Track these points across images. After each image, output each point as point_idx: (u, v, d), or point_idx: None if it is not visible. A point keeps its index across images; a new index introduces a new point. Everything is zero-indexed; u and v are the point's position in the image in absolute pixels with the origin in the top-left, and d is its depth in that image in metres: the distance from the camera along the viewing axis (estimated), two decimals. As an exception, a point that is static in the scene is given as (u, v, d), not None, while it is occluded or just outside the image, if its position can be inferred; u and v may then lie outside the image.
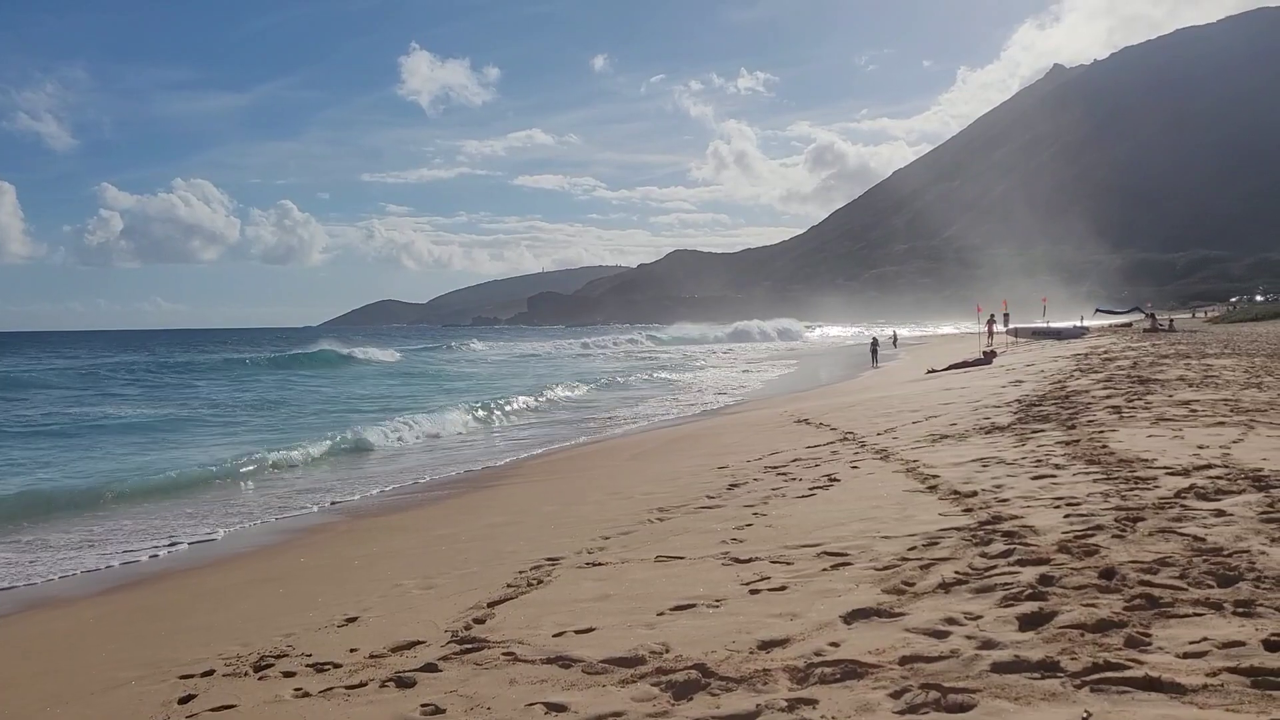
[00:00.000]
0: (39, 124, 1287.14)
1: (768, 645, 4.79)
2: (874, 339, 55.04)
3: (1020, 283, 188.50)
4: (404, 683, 4.95)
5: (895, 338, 76.91)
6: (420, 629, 6.04)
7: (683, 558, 7.20)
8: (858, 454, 12.12)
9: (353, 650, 5.75)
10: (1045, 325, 58.86)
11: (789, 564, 6.49)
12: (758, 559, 6.75)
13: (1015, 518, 6.98)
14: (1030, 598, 4.99)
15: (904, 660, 4.35)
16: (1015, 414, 14.32)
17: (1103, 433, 11.15)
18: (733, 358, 70.05)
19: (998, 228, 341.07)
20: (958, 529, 6.83)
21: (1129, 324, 71.97)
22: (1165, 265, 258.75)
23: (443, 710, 4.50)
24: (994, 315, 51.82)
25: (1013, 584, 5.25)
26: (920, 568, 5.87)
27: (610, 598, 6.22)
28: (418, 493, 15.55)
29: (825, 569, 6.20)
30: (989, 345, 43.97)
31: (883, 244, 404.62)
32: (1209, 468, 8.29)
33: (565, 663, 4.90)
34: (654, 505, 10.17)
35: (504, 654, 5.17)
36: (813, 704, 4.01)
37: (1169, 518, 6.49)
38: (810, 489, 9.76)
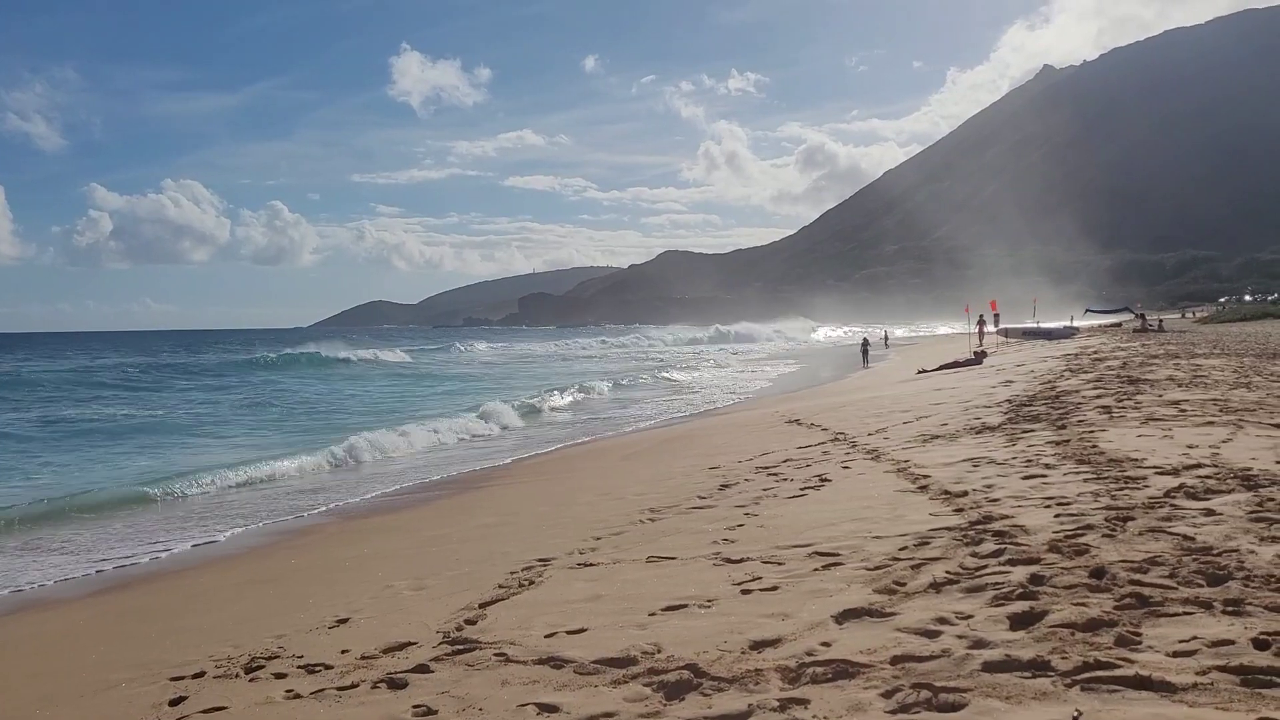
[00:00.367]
0: (28, 124, 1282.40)
1: (759, 645, 4.79)
2: (864, 339, 55.16)
3: (1010, 283, 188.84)
4: (396, 684, 4.95)
5: (887, 337, 76.88)
6: (412, 630, 6.03)
7: (674, 558, 7.20)
8: (849, 454, 12.14)
9: (344, 651, 5.74)
10: (1035, 325, 59.05)
11: (780, 564, 6.49)
12: (749, 559, 6.76)
13: (1006, 517, 7.00)
14: (1021, 597, 5.00)
15: (895, 660, 4.36)
16: (1006, 414, 14.35)
17: (1093, 432, 11.19)
18: (738, 357, 69.76)
19: (988, 228, 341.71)
20: (949, 529, 6.85)
21: (1118, 324, 72.18)
22: (1154, 265, 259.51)
23: (434, 711, 4.50)
24: (983, 316, 51.95)
25: (1004, 583, 5.27)
26: (911, 567, 5.89)
27: (602, 598, 6.22)
28: (409, 494, 15.53)
29: (817, 569, 6.21)
30: (979, 345, 44.08)
31: (873, 244, 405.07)
32: (1198, 467, 8.32)
33: (557, 663, 4.90)
34: (646, 506, 10.18)
35: (496, 655, 5.17)
36: (804, 704, 4.02)
37: (1159, 517, 6.52)
38: (801, 489, 9.78)
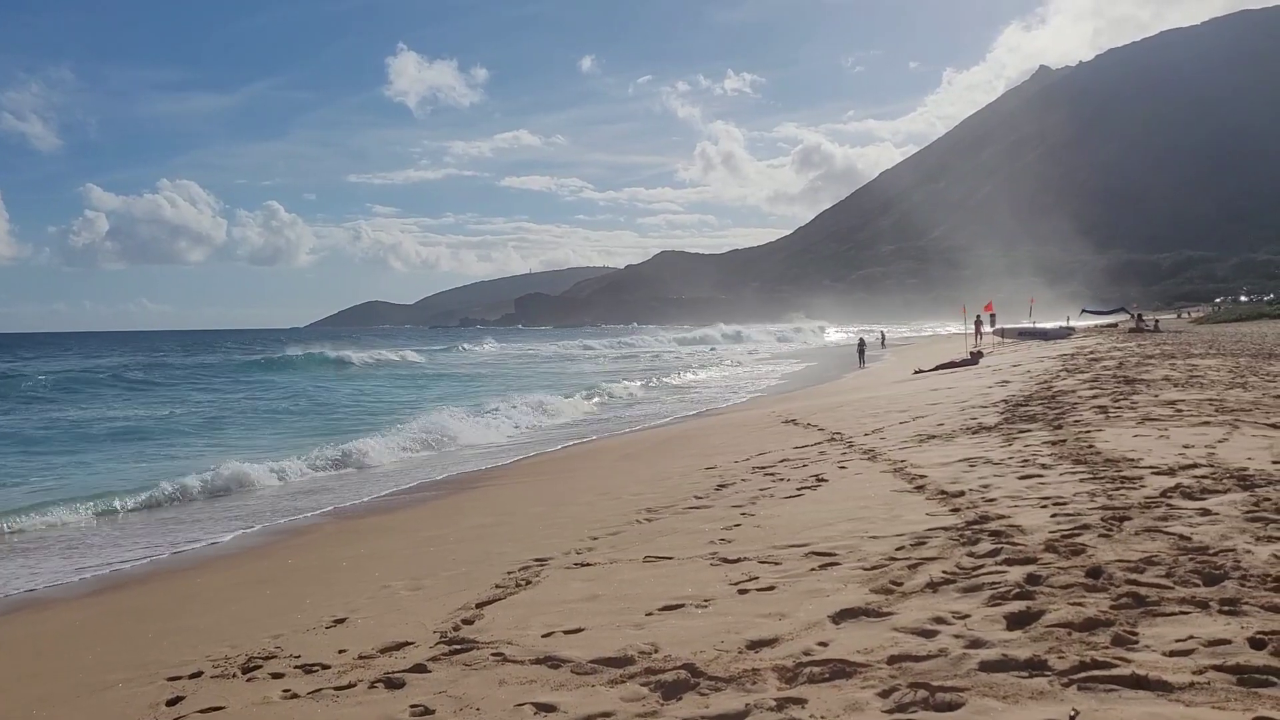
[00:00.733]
0: (24, 124, 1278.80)
1: (756, 645, 4.80)
2: (861, 339, 55.17)
3: (1006, 283, 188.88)
4: (393, 684, 4.95)
5: (883, 338, 76.85)
6: (409, 630, 6.03)
7: (671, 558, 7.20)
8: (845, 454, 12.15)
9: (341, 651, 5.74)
10: (1032, 326, 59.10)
11: (777, 564, 6.50)
12: (746, 559, 6.77)
13: (1002, 517, 7.01)
14: (1017, 597, 5.01)
15: (892, 659, 4.37)
16: (1002, 414, 14.37)
17: (1089, 432, 11.20)
18: (753, 356, 69.64)
19: (984, 229, 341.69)
20: (945, 529, 6.86)
21: (1114, 324, 72.29)
22: (1150, 266, 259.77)
23: (432, 711, 4.50)
24: (980, 316, 51.98)
25: (1000, 583, 5.27)
26: (908, 567, 5.90)
27: (599, 598, 6.23)
28: (404, 495, 15.52)
29: (813, 569, 6.21)
30: (976, 346, 44.10)
31: (869, 245, 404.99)
32: (1194, 467, 8.34)
33: (554, 663, 4.91)
34: (642, 506, 10.18)
35: (493, 654, 5.17)
36: (801, 703, 4.02)
37: (1155, 517, 6.53)
38: (798, 489, 9.79)
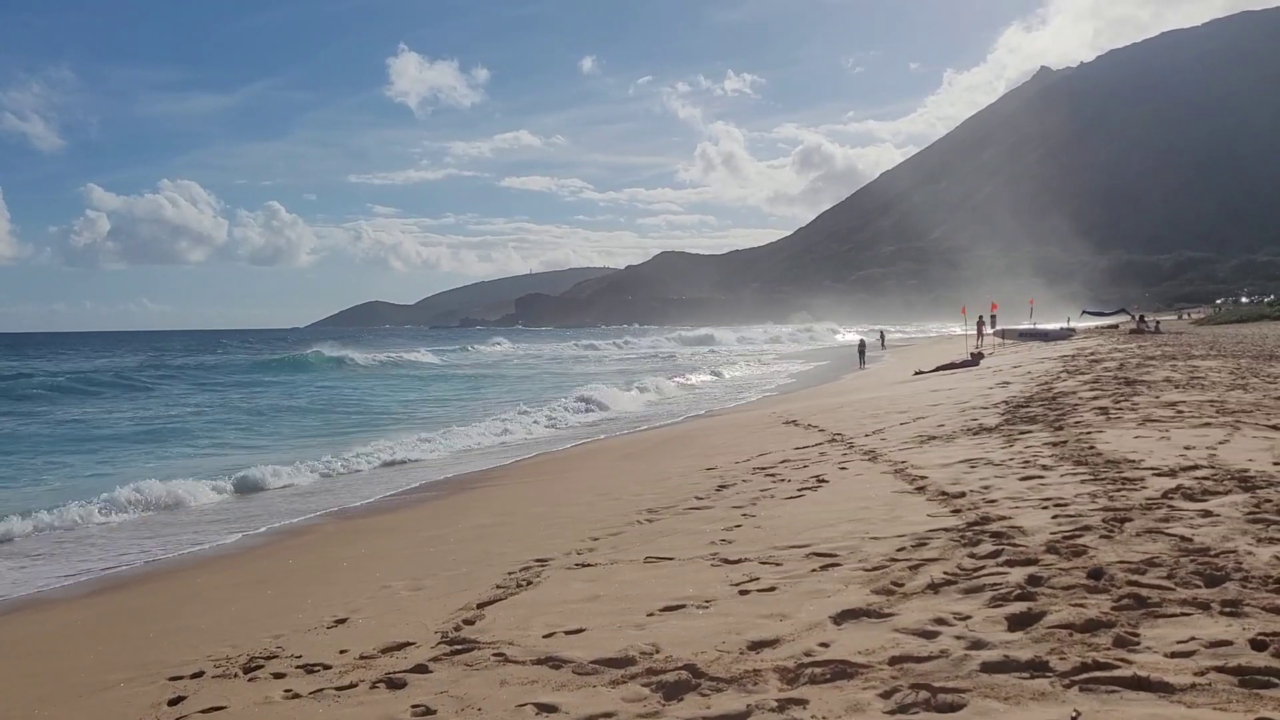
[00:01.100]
0: (25, 124, 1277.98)
1: (758, 646, 4.80)
2: (861, 340, 55.17)
3: (1006, 284, 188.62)
4: (394, 684, 4.95)
5: (883, 338, 76.68)
6: (410, 630, 6.03)
7: (672, 559, 7.20)
8: (846, 455, 12.15)
9: (342, 651, 5.74)
10: (1032, 327, 59.09)
11: (778, 565, 6.50)
12: (747, 560, 6.77)
13: (1003, 518, 7.01)
14: (1019, 598, 5.01)
15: (894, 660, 4.37)
16: (1003, 415, 14.37)
17: (1090, 434, 11.20)
18: (769, 355, 69.79)
19: (984, 229, 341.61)
20: (946, 530, 6.86)
21: (1115, 325, 72.29)
22: (1151, 267, 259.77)
23: (434, 711, 4.50)
24: (982, 317, 51.99)
25: (1001, 584, 5.27)
26: (909, 568, 5.89)
27: (600, 598, 6.23)
28: (404, 495, 15.51)
29: (814, 570, 6.22)
30: (977, 347, 44.09)
31: (870, 245, 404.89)
32: (1196, 468, 8.33)
33: (555, 663, 4.91)
34: (643, 506, 10.18)
35: (494, 655, 5.17)
36: (803, 704, 4.02)
37: (1156, 518, 6.53)
38: (799, 490, 9.78)
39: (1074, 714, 3.62)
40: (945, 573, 5.67)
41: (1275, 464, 8.33)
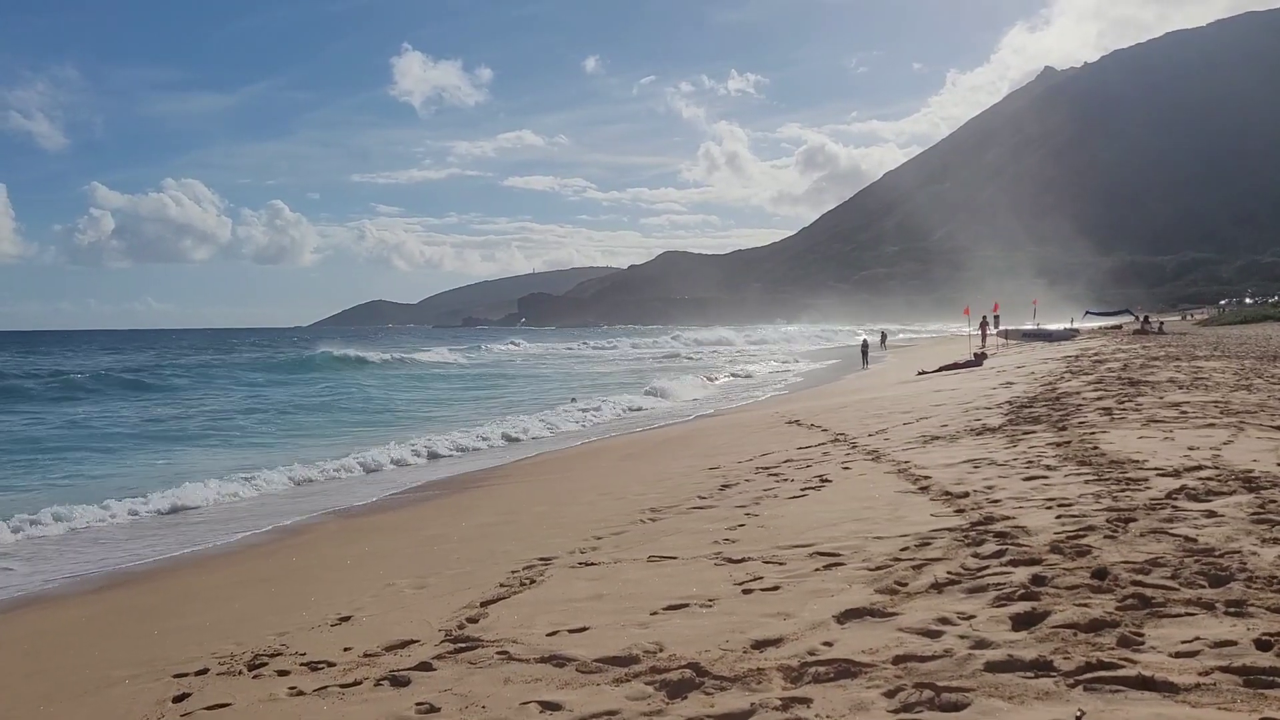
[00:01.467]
0: (30, 123, 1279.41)
1: (761, 645, 4.80)
2: (864, 340, 55.12)
3: (1009, 284, 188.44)
4: (398, 681, 4.95)
5: (883, 338, 75.94)
6: (414, 628, 6.04)
7: (675, 558, 7.20)
8: (849, 455, 12.14)
9: (346, 649, 5.75)
10: (1036, 327, 59.06)
11: (781, 564, 6.50)
12: (750, 559, 6.77)
13: (1007, 518, 7.00)
14: (1023, 598, 5.01)
15: (898, 659, 4.37)
16: (1006, 415, 14.36)
17: (1094, 434, 11.19)
18: (792, 354, 70.18)
19: (988, 230, 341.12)
20: (950, 529, 6.85)
21: (1119, 326, 72.21)
22: (1154, 267, 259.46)
23: (438, 709, 4.50)
24: (986, 317, 51.95)
25: (1005, 584, 5.27)
26: (913, 568, 5.89)
27: (603, 597, 6.23)
28: (406, 493, 15.53)
29: (818, 569, 6.21)
30: (981, 347, 44.06)
31: (873, 246, 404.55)
32: (1200, 469, 8.32)
33: (559, 662, 4.91)
34: (646, 505, 10.18)
35: (498, 653, 5.18)
36: (807, 703, 4.02)
37: (1160, 518, 6.52)
38: (802, 490, 9.78)
39: (1078, 713, 3.62)
40: (949, 572, 5.67)
41: None
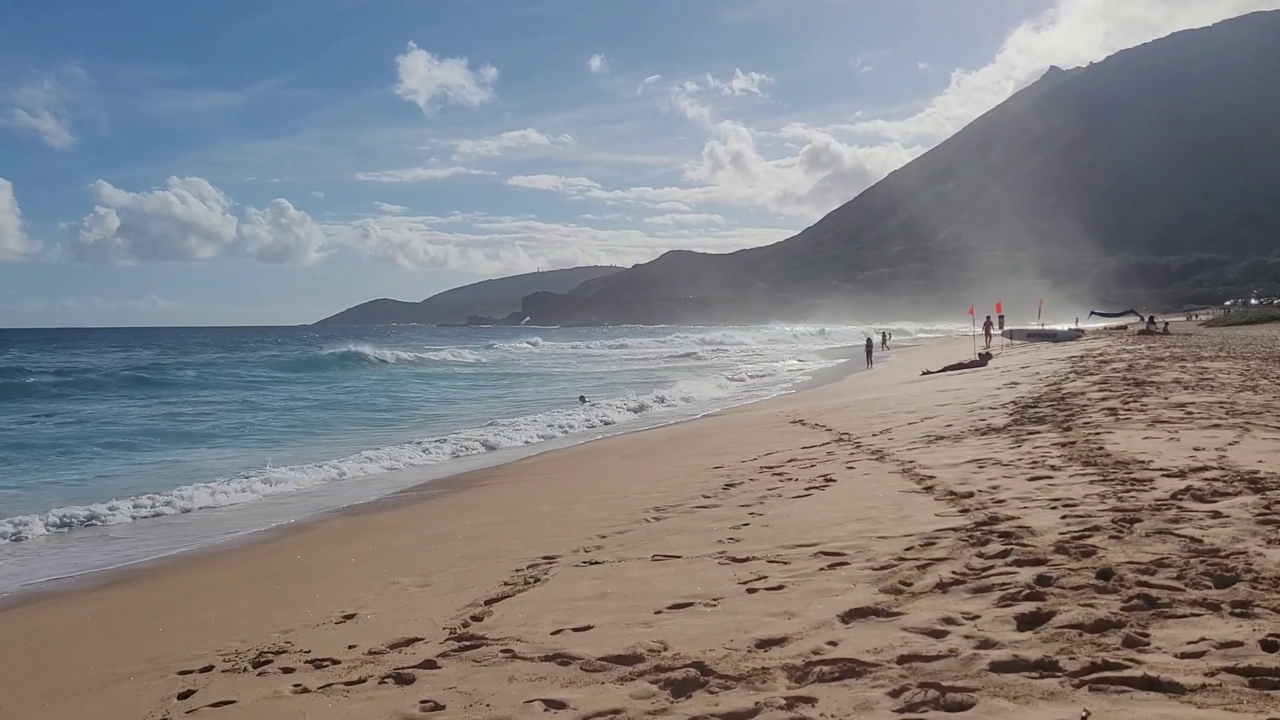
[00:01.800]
0: (37, 121, 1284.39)
1: (766, 644, 4.79)
2: (868, 339, 55.07)
3: (1013, 284, 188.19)
4: (403, 679, 4.96)
5: (886, 338, 75.32)
6: (418, 626, 6.04)
7: (680, 557, 7.20)
8: (853, 454, 12.13)
9: (351, 647, 5.75)
10: (1041, 327, 58.97)
11: (786, 563, 6.49)
12: (754, 558, 6.76)
13: (1012, 518, 6.99)
14: (1028, 598, 5.00)
15: (902, 659, 4.36)
16: (1011, 415, 14.34)
17: (1099, 434, 11.17)
18: (815, 352, 70.53)
19: (992, 230, 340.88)
20: (954, 529, 6.84)
21: (1124, 327, 72.08)
22: (1160, 268, 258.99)
23: (442, 707, 4.50)
24: (990, 317, 51.88)
25: (1010, 584, 5.26)
26: (917, 568, 5.89)
27: (608, 596, 6.23)
28: (410, 491, 15.54)
29: (822, 568, 6.21)
30: (985, 347, 43.99)
31: (877, 245, 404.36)
32: (1205, 470, 8.30)
33: (564, 660, 4.91)
34: (650, 505, 10.17)
35: (502, 651, 5.18)
36: (811, 702, 4.02)
37: (1166, 519, 6.51)
38: (806, 489, 9.78)
39: (1084, 714, 3.61)
40: (954, 572, 5.66)
41: (1285, 466, 8.29)
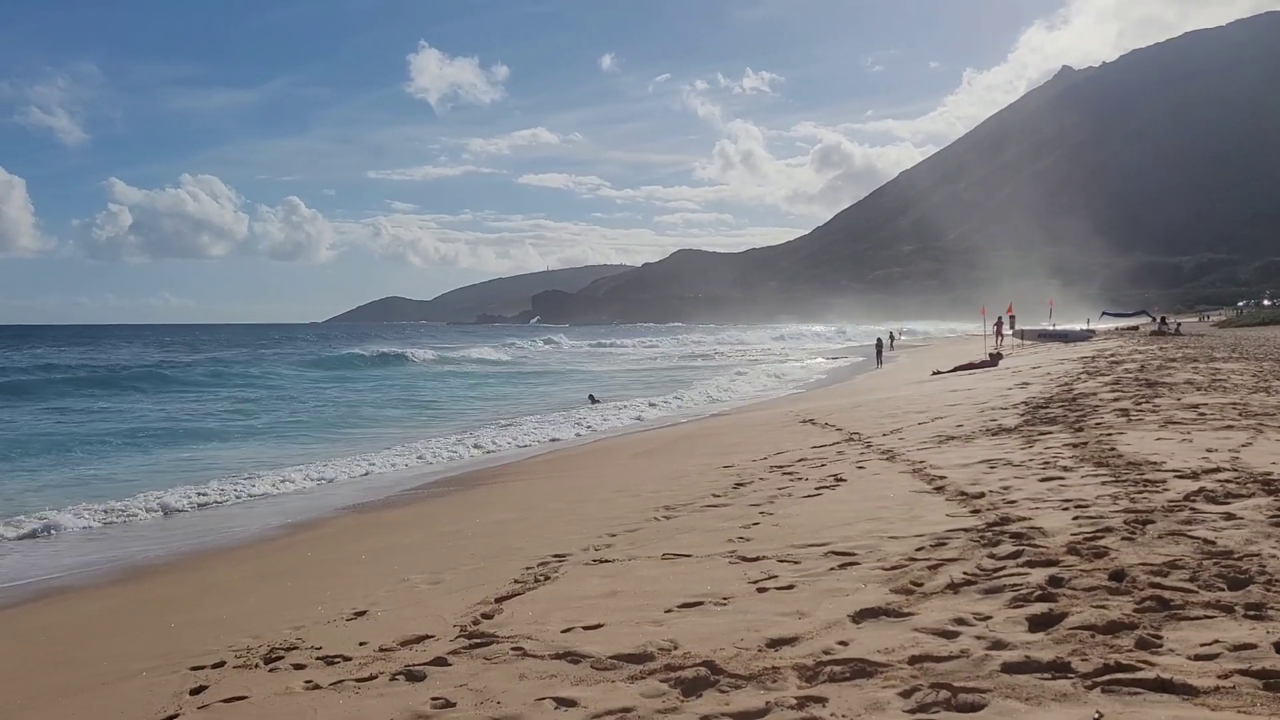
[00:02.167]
0: (50, 118, 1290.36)
1: (776, 643, 4.79)
2: (879, 339, 54.94)
3: (1024, 284, 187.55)
4: (414, 676, 4.97)
5: (894, 337, 74.67)
6: (429, 623, 6.05)
7: (690, 555, 7.20)
8: (864, 454, 12.11)
9: (362, 644, 5.77)
10: (1052, 328, 58.77)
11: (796, 563, 6.49)
12: (765, 558, 6.76)
13: (1023, 519, 6.97)
14: (1040, 599, 4.99)
15: (913, 660, 4.35)
16: (1022, 416, 14.30)
17: (1111, 435, 11.14)
18: (837, 350, 70.97)
19: (1003, 229, 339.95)
20: (965, 530, 6.83)
21: (1135, 327, 71.80)
22: (1171, 268, 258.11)
23: (453, 704, 4.51)
24: (1001, 318, 51.72)
25: (1022, 585, 5.25)
26: (928, 568, 5.87)
27: (618, 594, 6.23)
28: (419, 489, 15.56)
29: (833, 568, 6.20)
30: (996, 347, 43.84)
31: (888, 245, 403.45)
32: (1218, 471, 8.27)
33: (574, 658, 4.91)
34: (660, 503, 10.17)
35: (513, 649, 5.18)
36: (822, 702, 4.02)
37: (1179, 520, 6.49)
38: (817, 489, 9.76)
39: (1096, 715, 3.60)
40: (965, 573, 5.65)
41: (1299, 467, 8.25)
